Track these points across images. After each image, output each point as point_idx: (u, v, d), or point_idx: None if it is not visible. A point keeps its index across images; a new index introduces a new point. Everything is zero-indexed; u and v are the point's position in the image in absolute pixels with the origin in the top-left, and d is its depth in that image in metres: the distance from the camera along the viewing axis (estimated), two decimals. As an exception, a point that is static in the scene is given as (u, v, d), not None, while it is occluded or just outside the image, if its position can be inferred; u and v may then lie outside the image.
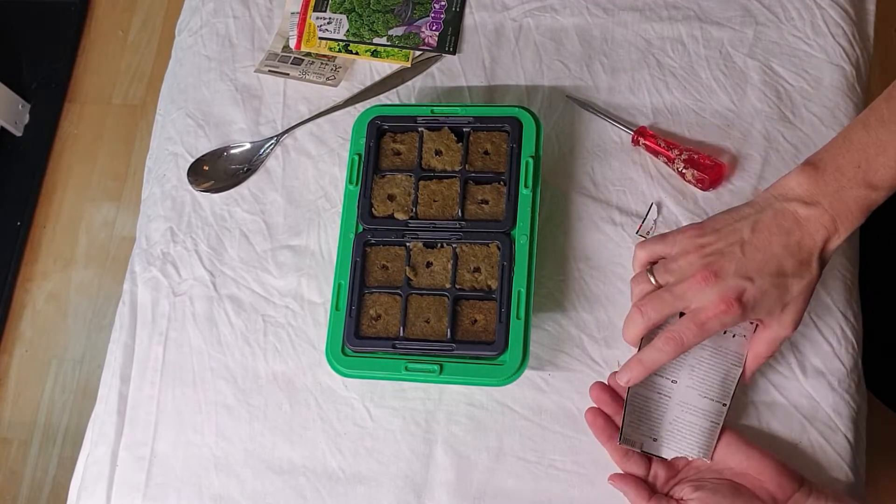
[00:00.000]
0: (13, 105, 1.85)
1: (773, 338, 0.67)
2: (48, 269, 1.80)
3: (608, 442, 0.70)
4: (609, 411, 0.70)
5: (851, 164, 0.63)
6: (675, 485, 0.68)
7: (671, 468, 0.69)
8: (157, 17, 1.95)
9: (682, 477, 0.68)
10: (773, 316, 0.65)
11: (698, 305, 0.64)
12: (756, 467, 0.65)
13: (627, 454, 0.69)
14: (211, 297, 0.84)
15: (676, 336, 0.65)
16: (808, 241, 0.63)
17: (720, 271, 0.63)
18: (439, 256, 0.76)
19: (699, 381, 0.70)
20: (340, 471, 0.76)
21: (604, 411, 0.71)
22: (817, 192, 0.63)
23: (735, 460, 0.66)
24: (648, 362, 0.66)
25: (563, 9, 0.88)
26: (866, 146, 0.63)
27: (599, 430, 0.70)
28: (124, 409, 0.82)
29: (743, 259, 0.63)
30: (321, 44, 0.90)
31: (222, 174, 0.88)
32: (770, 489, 0.64)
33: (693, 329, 0.64)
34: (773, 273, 0.63)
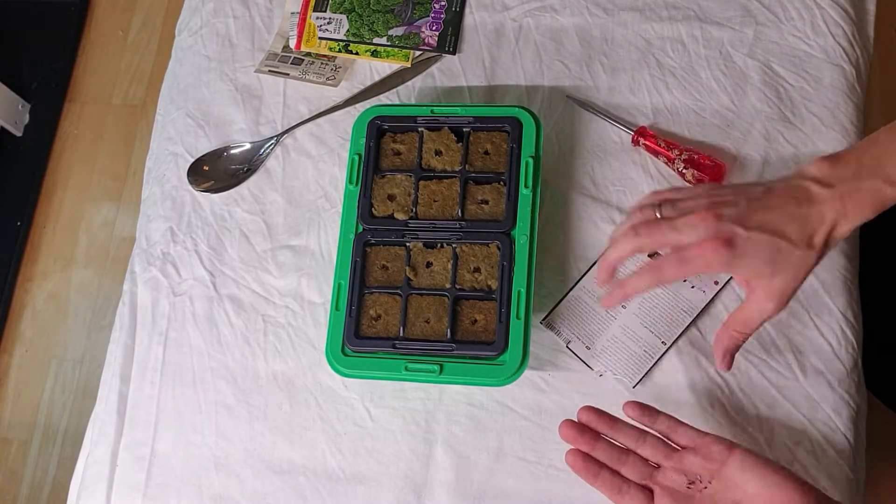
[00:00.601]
0: (13, 105, 1.85)
1: (754, 311, 0.64)
2: (48, 269, 1.80)
3: (595, 480, 0.66)
4: (584, 447, 0.67)
5: (872, 157, 0.62)
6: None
7: (678, 499, 0.64)
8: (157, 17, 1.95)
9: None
10: (761, 280, 0.62)
11: (688, 242, 0.62)
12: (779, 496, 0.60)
13: (621, 490, 0.65)
14: (211, 297, 0.84)
15: (658, 266, 0.63)
16: (815, 216, 0.62)
17: (720, 214, 0.62)
18: (439, 256, 0.76)
19: (646, 313, 0.75)
20: (340, 471, 0.76)
21: (581, 451, 0.67)
22: (834, 176, 0.62)
23: (754, 487, 0.61)
24: (628, 288, 0.64)
25: (563, 9, 0.88)
26: (888, 144, 0.62)
27: (581, 470, 0.67)
28: (124, 409, 0.82)
29: (746, 210, 0.62)
30: (321, 44, 0.90)
31: (222, 174, 0.88)
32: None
33: (673, 262, 0.62)
34: (771, 230, 0.62)
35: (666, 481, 0.64)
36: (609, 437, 0.67)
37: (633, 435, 0.67)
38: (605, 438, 0.67)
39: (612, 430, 0.67)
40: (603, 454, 0.67)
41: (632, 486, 0.65)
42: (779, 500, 0.60)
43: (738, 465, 0.62)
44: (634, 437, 0.67)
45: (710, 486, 0.63)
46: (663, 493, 0.64)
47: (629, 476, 0.66)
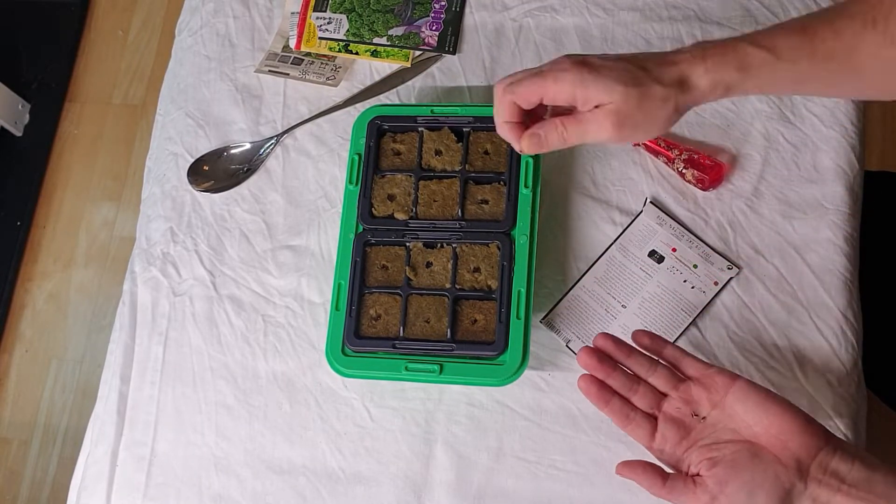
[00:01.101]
0: (13, 105, 1.85)
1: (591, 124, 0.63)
2: (48, 269, 1.80)
3: (606, 406, 0.66)
4: (600, 375, 0.66)
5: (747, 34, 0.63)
6: (686, 449, 0.63)
7: (680, 427, 0.64)
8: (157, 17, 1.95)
9: (695, 439, 0.63)
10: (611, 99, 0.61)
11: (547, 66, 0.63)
12: (777, 425, 0.60)
13: (629, 417, 0.65)
14: (211, 297, 0.84)
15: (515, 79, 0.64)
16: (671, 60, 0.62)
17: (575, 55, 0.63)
18: (439, 256, 0.76)
19: (646, 313, 0.75)
20: (340, 471, 0.76)
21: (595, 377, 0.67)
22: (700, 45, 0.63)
23: (753, 416, 0.61)
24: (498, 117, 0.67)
25: (563, 9, 0.88)
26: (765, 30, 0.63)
27: (595, 396, 0.66)
28: (124, 409, 0.82)
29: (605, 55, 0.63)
30: (321, 44, 0.90)
31: (222, 174, 0.88)
32: (794, 449, 0.59)
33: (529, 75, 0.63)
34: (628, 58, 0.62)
35: (670, 410, 0.65)
36: (623, 365, 0.67)
37: (646, 364, 0.67)
38: (620, 367, 0.67)
39: (627, 359, 0.67)
40: (616, 382, 0.66)
41: (638, 413, 0.65)
42: (776, 429, 0.60)
43: (739, 395, 0.62)
44: (646, 366, 0.67)
45: (711, 415, 0.63)
46: (666, 421, 0.64)
47: (638, 404, 0.66)
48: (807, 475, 0.59)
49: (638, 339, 0.68)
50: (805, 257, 0.76)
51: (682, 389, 0.65)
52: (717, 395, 0.63)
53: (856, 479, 0.58)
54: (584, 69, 0.61)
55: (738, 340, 0.75)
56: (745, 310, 0.75)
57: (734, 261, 0.77)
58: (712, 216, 0.79)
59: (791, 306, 0.75)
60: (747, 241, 0.77)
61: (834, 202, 0.77)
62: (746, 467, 0.60)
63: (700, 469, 0.61)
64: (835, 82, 0.65)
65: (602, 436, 0.74)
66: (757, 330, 0.75)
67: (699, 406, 0.64)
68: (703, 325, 0.75)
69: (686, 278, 0.76)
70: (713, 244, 0.78)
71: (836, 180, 0.78)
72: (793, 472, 0.59)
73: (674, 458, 0.64)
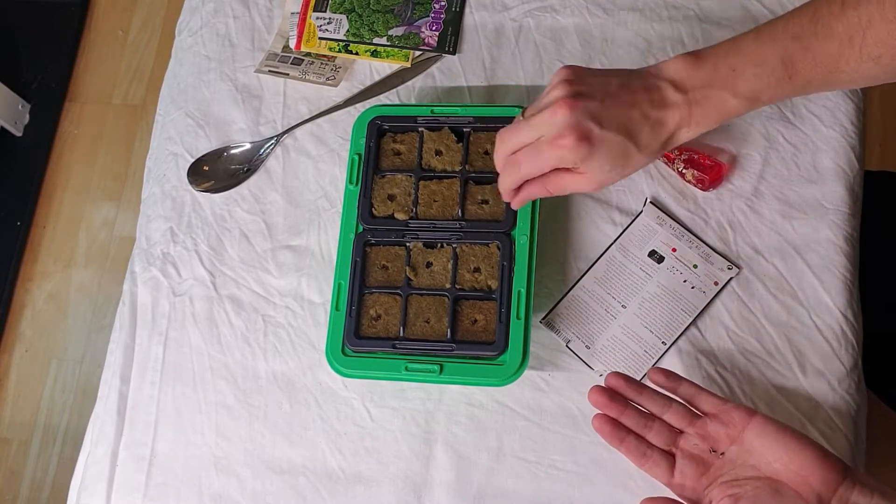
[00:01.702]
0: (13, 105, 1.85)
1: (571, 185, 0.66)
2: (48, 269, 1.80)
3: (621, 445, 0.66)
4: (612, 413, 0.67)
5: (728, 66, 0.63)
6: (707, 485, 0.63)
7: (699, 463, 0.64)
8: (157, 17, 1.95)
9: (715, 475, 0.63)
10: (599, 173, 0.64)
11: (547, 135, 0.64)
12: (797, 461, 0.60)
13: (645, 455, 0.65)
14: (211, 297, 0.84)
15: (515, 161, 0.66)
16: (662, 121, 0.64)
17: (575, 106, 0.63)
18: (439, 256, 0.76)
19: (646, 313, 0.76)
20: (340, 471, 0.76)
21: (609, 415, 0.67)
22: (688, 81, 0.64)
23: (772, 452, 0.61)
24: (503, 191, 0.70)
25: (563, 9, 0.88)
26: (748, 54, 0.63)
27: (608, 435, 0.67)
28: (124, 409, 0.82)
29: (601, 107, 0.63)
30: (321, 44, 0.90)
31: (222, 174, 0.88)
32: (814, 485, 0.59)
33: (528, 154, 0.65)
34: (625, 132, 0.63)
35: (688, 446, 0.64)
36: (635, 403, 0.67)
37: (659, 401, 0.67)
38: (632, 405, 0.67)
39: (639, 397, 0.67)
40: (630, 420, 0.67)
41: (655, 450, 0.65)
42: (796, 465, 0.60)
43: (757, 431, 0.62)
44: (660, 403, 0.67)
45: (730, 451, 0.63)
46: (684, 458, 0.64)
47: (654, 441, 0.66)
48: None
49: (653, 377, 0.68)
50: (805, 257, 0.76)
51: (698, 425, 0.65)
52: (734, 430, 0.63)
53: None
54: (584, 147, 0.63)
55: (738, 340, 0.75)
56: (745, 310, 0.75)
57: (734, 261, 0.77)
58: (712, 216, 0.79)
59: (791, 306, 0.75)
60: (747, 241, 0.77)
61: (834, 202, 0.77)
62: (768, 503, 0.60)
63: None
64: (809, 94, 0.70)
65: (602, 436, 0.74)
66: (757, 330, 0.75)
67: (717, 442, 0.64)
68: (703, 325, 0.75)
69: (686, 278, 0.76)
70: (713, 244, 0.78)
71: (836, 180, 0.78)
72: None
73: (695, 495, 0.63)
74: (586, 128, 0.62)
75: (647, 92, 0.64)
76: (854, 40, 0.60)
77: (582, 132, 0.62)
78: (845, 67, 0.61)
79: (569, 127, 0.62)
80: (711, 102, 0.63)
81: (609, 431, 0.66)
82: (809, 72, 0.62)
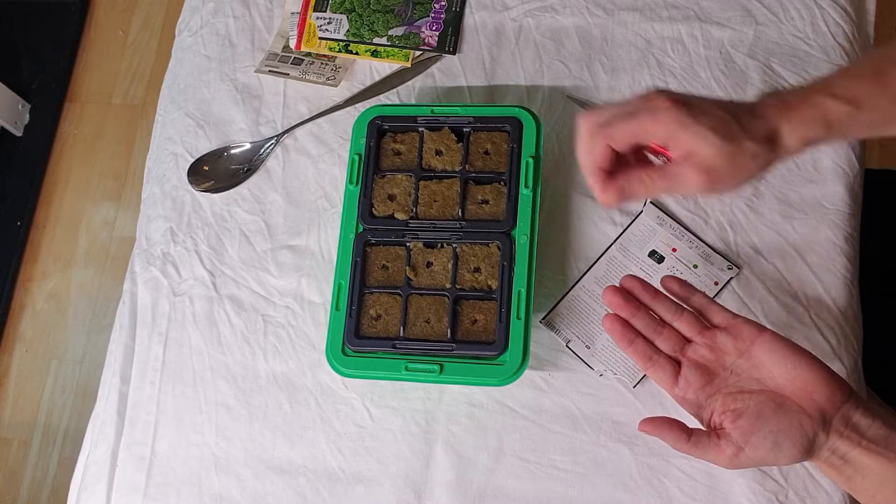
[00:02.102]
0: (13, 105, 1.85)
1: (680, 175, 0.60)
2: (48, 269, 1.80)
3: (629, 347, 0.65)
4: (625, 314, 0.66)
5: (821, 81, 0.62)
6: (709, 395, 0.62)
7: (703, 373, 0.63)
8: (157, 17, 1.95)
9: (719, 386, 0.63)
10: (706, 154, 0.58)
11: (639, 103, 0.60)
12: (803, 377, 0.60)
13: (652, 359, 0.64)
14: (211, 297, 0.84)
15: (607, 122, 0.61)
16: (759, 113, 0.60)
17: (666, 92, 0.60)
18: (439, 256, 0.76)
19: None
20: (340, 471, 0.76)
21: (619, 316, 0.66)
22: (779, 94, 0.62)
23: (779, 368, 0.61)
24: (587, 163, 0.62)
25: (563, 9, 0.88)
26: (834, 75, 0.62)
27: (618, 335, 0.66)
28: (124, 409, 0.82)
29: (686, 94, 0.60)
30: (321, 44, 0.90)
31: (222, 174, 0.88)
32: (818, 401, 0.59)
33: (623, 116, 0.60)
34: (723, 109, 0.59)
35: (695, 355, 0.64)
36: (648, 307, 0.67)
37: (671, 308, 0.66)
38: (644, 308, 0.67)
39: (652, 301, 0.67)
40: (640, 323, 0.66)
41: (662, 356, 0.65)
42: (801, 381, 0.60)
43: (766, 347, 0.62)
44: (672, 310, 0.66)
45: (736, 364, 0.63)
46: (690, 366, 0.64)
47: (661, 347, 0.66)
48: (829, 427, 0.59)
49: (667, 284, 0.68)
50: (805, 257, 0.76)
51: (707, 336, 0.65)
52: (743, 343, 0.63)
53: (875, 435, 0.59)
54: (683, 109, 0.58)
55: (738, 340, 0.75)
56: (745, 310, 0.75)
57: (734, 261, 0.77)
58: (712, 216, 0.79)
59: (791, 306, 0.75)
60: (747, 241, 0.77)
61: (834, 202, 0.77)
62: (771, 417, 0.60)
63: (724, 421, 0.61)
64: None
65: (602, 436, 0.74)
66: (757, 330, 0.75)
67: (724, 354, 0.64)
68: (703, 325, 0.75)
69: (686, 278, 0.76)
70: (713, 244, 0.78)
71: (836, 180, 0.78)
72: (817, 422, 0.59)
73: (695, 404, 0.63)
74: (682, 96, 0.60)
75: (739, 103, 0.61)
76: None
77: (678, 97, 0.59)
78: None
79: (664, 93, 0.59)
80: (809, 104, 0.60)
81: (619, 331, 0.66)
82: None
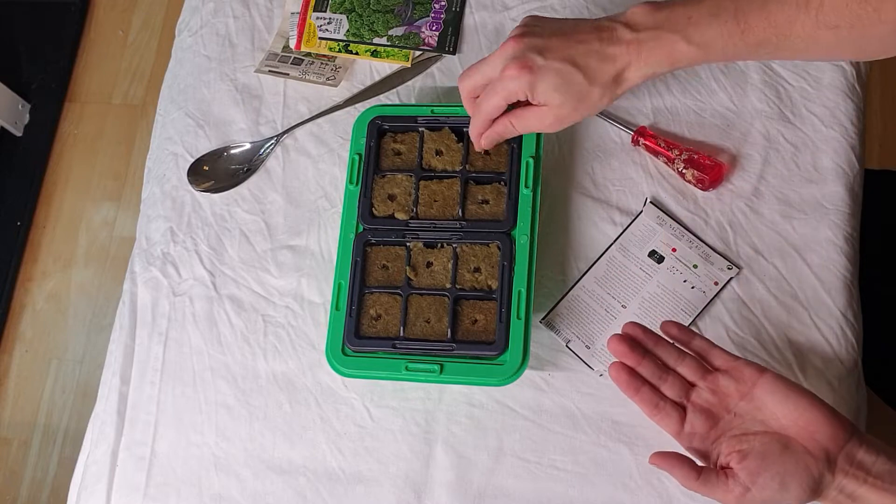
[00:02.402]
0: (13, 105, 1.85)
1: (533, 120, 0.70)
2: (48, 269, 1.80)
3: (636, 395, 0.66)
4: (630, 362, 0.67)
5: (684, 14, 0.65)
6: (715, 439, 0.63)
7: (709, 417, 0.64)
8: (157, 17, 1.95)
9: (724, 429, 0.63)
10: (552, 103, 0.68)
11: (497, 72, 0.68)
12: (805, 417, 0.61)
13: (658, 406, 0.65)
14: (211, 297, 0.84)
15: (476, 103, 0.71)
16: (610, 56, 0.66)
17: (521, 41, 0.68)
18: (439, 256, 0.76)
19: (646, 313, 0.75)
20: (340, 471, 0.76)
21: (626, 364, 0.67)
22: (642, 23, 0.66)
23: (782, 409, 0.62)
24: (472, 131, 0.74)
25: (563, 9, 0.88)
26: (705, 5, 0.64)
27: (625, 384, 0.66)
28: (124, 409, 0.82)
29: (545, 41, 0.67)
30: (321, 44, 0.90)
31: (222, 174, 0.88)
32: (822, 441, 0.60)
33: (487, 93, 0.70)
34: (570, 61, 0.66)
35: (699, 400, 0.65)
36: (652, 352, 0.67)
37: (674, 354, 0.67)
38: (650, 355, 0.67)
39: (655, 347, 0.67)
40: (646, 370, 0.67)
41: (667, 402, 0.65)
42: (804, 421, 0.61)
43: (767, 388, 0.63)
44: (674, 355, 0.67)
45: (740, 407, 0.63)
46: (695, 411, 0.64)
47: (667, 393, 0.66)
48: (834, 466, 0.59)
49: (667, 329, 0.69)
50: (805, 257, 0.76)
51: (709, 380, 0.65)
52: (745, 386, 0.64)
53: (881, 471, 0.59)
54: (527, 75, 0.67)
55: (738, 340, 0.75)
56: (745, 310, 0.75)
57: (734, 261, 0.77)
58: (712, 216, 0.79)
59: (791, 306, 0.75)
60: (747, 241, 0.77)
61: (834, 202, 0.77)
62: (777, 458, 0.60)
63: (731, 461, 0.61)
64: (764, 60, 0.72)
65: (602, 436, 0.74)
66: (757, 330, 0.75)
67: (728, 397, 0.64)
68: (703, 325, 0.75)
69: (686, 278, 0.76)
70: (713, 244, 0.78)
71: (836, 180, 0.78)
72: (822, 462, 0.59)
73: (703, 448, 0.64)
74: (529, 58, 0.67)
75: (598, 31, 0.67)
76: (811, 5, 0.60)
77: (524, 62, 0.66)
78: (800, 32, 0.61)
79: (513, 59, 0.67)
80: (662, 44, 0.65)
81: (626, 380, 0.66)
82: (763, 31, 0.62)
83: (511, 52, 0.67)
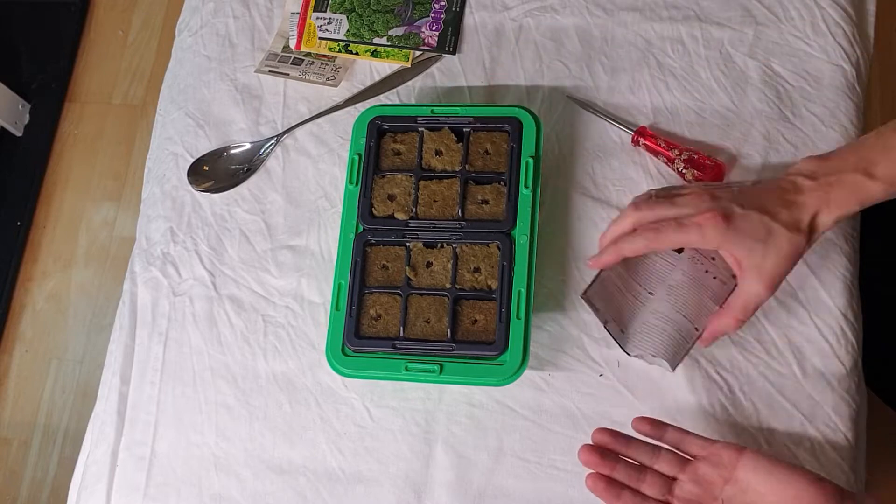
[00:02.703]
0: (13, 105, 1.85)
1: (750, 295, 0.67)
2: (48, 269, 1.80)
3: (618, 501, 0.65)
4: (605, 471, 0.66)
5: (855, 155, 0.66)
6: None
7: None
8: (157, 17, 1.95)
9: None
10: (752, 259, 0.66)
11: (688, 213, 0.67)
12: (793, 489, 0.61)
13: None
14: (211, 297, 0.84)
15: (657, 228, 0.67)
16: (800, 203, 0.66)
17: (715, 195, 0.67)
18: (439, 256, 0.76)
19: (675, 298, 0.73)
20: (340, 471, 0.76)
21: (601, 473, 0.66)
22: (819, 170, 0.67)
23: (766, 486, 0.61)
24: (623, 247, 0.69)
25: (563, 9, 0.88)
26: (873, 146, 0.66)
27: (604, 493, 0.66)
28: (124, 409, 0.82)
29: (738, 194, 0.68)
30: (321, 44, 0.90)
31: (222, 174, 0.88)
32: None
33: (673, 226, 0.67)
34: (761, 209, 0.66)
35: (683, 493, 0.64)
36: (625, 456, 0.67)
37: (648, 451, 0.67)
38: (623, 458, 0.67)
39: (627, 449, 0.67)
40: (622, 474, 0.66)
41: (651, 502, 0.65)
42: (790, 496, 0.60)
43: (748, 468, 0.62)
44: (649, 452, 0.67)
45: (726, 492, 0.63)
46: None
47: (648, 493, 0.65)
48: None
49: (637, 426, 0.68)
50: (805, 257, 0.76)
51: (689, 470, 0.65)
52: (726, 470, 0.63)
53: None
54: (726, 224, 0.66)
55: (738, 340, 0.75)
56: (745, 310, 0.75)
57: (734, 261, 0.76)
58: (712, 216, 0.78)
59: (791, 306, 0.75)
60: (747, 241, 0.77)
61: (834, 202, 0.77)
62: None
63: None
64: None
65: (602, 436, 0.74)
66: (757, 330, 0.75)
67: (712, 485, 0.64)
68: (703, 325, 0.75)
69: (707, 268, 0.74)
70: (713, 244, 0.77)
71: (836, 180, 0.78)
72: None
73: None
74: (728, 209, 0.66)
75: (779, 186, 0.67)
76: None
77: (725, 212, 0.66)
78: None
79: (711, 206, 0.66)
80: (847, 184, 0.66)
81: (603, 489, 0.66)
82: None
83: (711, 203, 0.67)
